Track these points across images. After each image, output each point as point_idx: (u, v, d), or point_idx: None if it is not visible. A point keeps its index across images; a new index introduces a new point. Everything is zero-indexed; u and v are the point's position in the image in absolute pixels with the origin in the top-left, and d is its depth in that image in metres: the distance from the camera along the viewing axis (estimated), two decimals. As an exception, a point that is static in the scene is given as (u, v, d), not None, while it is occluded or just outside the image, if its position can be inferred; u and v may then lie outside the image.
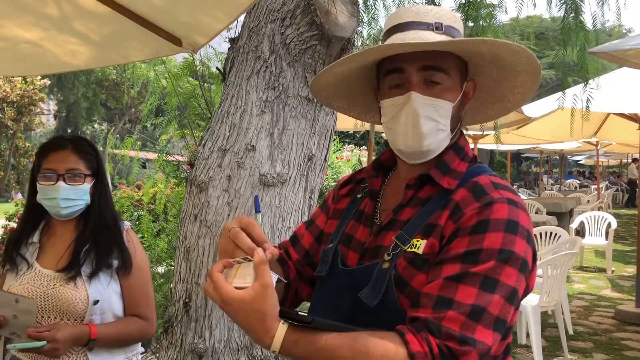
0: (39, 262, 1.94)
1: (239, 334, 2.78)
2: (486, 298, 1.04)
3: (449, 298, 1.05)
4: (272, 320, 1.03)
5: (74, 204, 1.92)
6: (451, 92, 1.20)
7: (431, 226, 1.16)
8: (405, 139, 1.21)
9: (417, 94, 1.17)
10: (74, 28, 2.44)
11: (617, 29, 14.25)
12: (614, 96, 5.55)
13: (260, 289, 1.02)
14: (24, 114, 16.73)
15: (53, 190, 1.89)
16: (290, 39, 2.75)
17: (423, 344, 1.01)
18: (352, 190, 1.42)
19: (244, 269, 1.05)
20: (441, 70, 1.18)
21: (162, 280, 4.49)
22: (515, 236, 1.09)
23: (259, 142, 2.74)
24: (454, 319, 1.02)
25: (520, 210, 1.12)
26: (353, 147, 11.34)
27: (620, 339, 5.48)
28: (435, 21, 1.20)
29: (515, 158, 33.74)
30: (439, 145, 1.21)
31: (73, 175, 1.92)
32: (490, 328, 1.03)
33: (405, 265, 1.15)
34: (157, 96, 4.85)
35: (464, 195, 1.16)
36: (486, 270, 1.05)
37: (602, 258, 9.51)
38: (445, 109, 1.19)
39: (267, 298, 1.02)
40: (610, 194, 18.89)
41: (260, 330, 1.03)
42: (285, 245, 1.49)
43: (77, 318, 1.87)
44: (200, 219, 2.76)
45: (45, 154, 1.95)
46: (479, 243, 1.08)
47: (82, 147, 1.99)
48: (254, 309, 1.02)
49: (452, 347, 1.00)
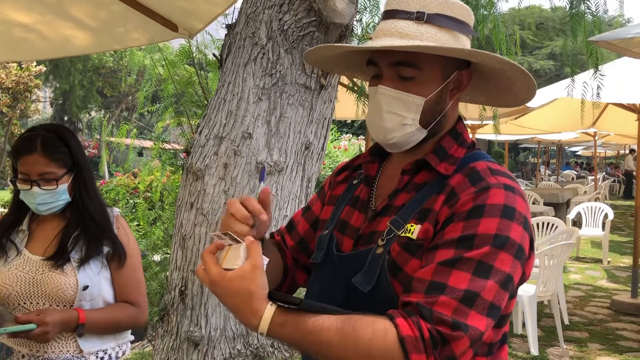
0: (27, 249, 1.92)
1: (235, 322, 2.77)
2: (480, 283, 1.02)
3: (442, 283, 1.03)
4: (260, 302, 1.02)
5: (53, 205, 1.90)
6: (424, 87, 1.18)
7: (426, 211, 1.15)
8: (373, 131, 1.23)
9: (384, 88, 1.17)
10: (70, 13, 2.41)
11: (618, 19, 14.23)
12: (612, 86, 5.52)
13: (249, 268, 1.01)
14: (19, 100, 16.61)
15: (29, 194, 1.86)
16: (287, 25, 2.71)
17: (414, 328, 1.00)
18: (348, 176, 1.41)
19: (234, 251, 1.05)
20: (412, 66, 1.16)
21: (158, 268, 4.48)
22: (512, 222, 1.07)
23: (255, 130, 2.71)
24: (446, 303, 1.01)
25: (517, 196, 1.11)
26: (351, 137, 11.33)
27: (615, 329, 5.50)
28: (417, 10, 1.17)
29: (512, 148, 33.80)
30: (407, 139, 1.20)
31: (46, 180, 1.85)
32: (484, 314, 1.02)
33: (399, 251, 1.13)
34: (154, 83, 4.82)
35: (460, 180, 1.14)
36: (480, 256, 1.04)
37: (598, 249, 9.53)
38: (414, 104, 1.17)
39: (256, 279, 1.01)
40: (607, 185, 18.92)
41: (247, 311, 1.02)
42: (281, 232, 1.48)
43: (66, 304, 1.85)
44: (197, 206, 2.74)
45: (17, 157, 1.87)
46: (473, 228, 1.06)
47: (52, 146, 1.87)
48: (242, 289, 1.01)
49: (444, 331, 0.99)
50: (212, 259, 1.05)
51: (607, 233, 8.84)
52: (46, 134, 1.89)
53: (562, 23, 21.42)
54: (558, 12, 21.45)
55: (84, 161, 1.96)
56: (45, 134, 1.89)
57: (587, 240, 10.10)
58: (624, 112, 6.93)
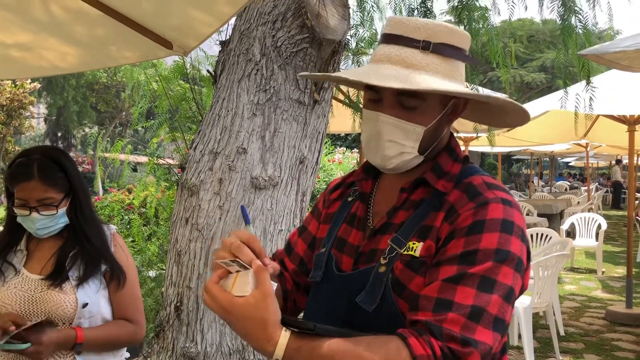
0: (26, 268, 1.92)
1: (230, 337, 2.77)
2: (485, 298, 1.04)
3: (449, 300, 1.05)
4: (274, 328, 1.02)
5: (52, 229, 1.91)
6: (425, 116, 1.18)
7: (427, 228, 1.16)
8: (369, 154, 1.23)
9: (385, 116, 1.17)
10: (64, 31, 2.42)
11: (608, 32, 14.35)
12: (603, 98, 5.58)
13: (260, 296, 1.01)
14: (13, 117, 16.59)
15: (29, 220, 1.87)
16: (281, 41, 2.74)
17: (426, 347, 1.01)
18: (342, 194, 1.41)
19: (242, 278, 1.04)
20: (415, 96, 1.16)
21: (154, 284, 4.46)
22: (511, 236, 1.09)
23: (250, 145, 2.73)
24: (454, 320, 1.02)
25: (514, 210, 1.13)
26: (345, 150, 11.37)
27: (610, 339, 5.51)
28: (424, 38, 1.17)
29: (506, 160, 33.90)
30: (405, 165, 1.22)
31: (45, 205, 1.86)
32: (490, 328, 1.04)
33: (403, 268, 1.15)
34: (148, 99, 4.83)
35: (458, 196, 1.16)
36: (484, 271, 1.06)
37: (592, 259, 9.56)
38: (414, 132, 1.18)
39: (269, 306, 1.02)
40: (600, 196, 19.00)
41: (262, 338, 1.02)
42: (280, 256, 1.48)
43: (65, 321, 1.85)
44: (192, 222, 2.75)
45: (14, 184, 1.87)
46: (475, 244, 1.08)
47: (49, 172, 1.87)
48: (256, 317, 1.01)
49: (455, 348, 1.01)
50: (218, 288, 1.05)
51: (601, 243, 8.87)
52: (42, 159, 1.89)
53: (553, 36, 21.61)
54: (549, 25, 21.64)
55: (80, 183, 1.97)
56: (42, 159, 1.89)
57: (581, 250, 10.13)
58: (614, 124, 6.99)
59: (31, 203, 1.85)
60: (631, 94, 6.20)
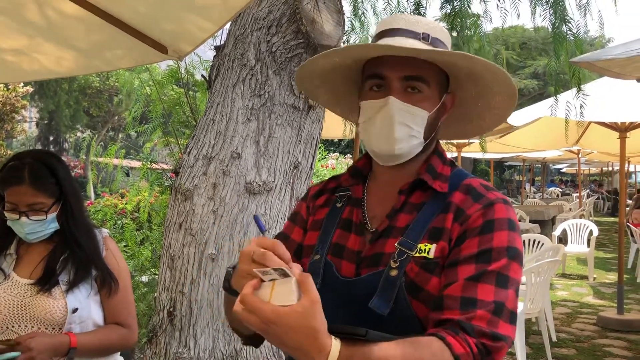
0: (16, 272, 1.91)
1: (224, 343, 2.76)
2: (503, 294, 1.10)
3: (473, 298, 1.09)
4: (325, 337, 0.98)
5: (42, 234, 1.90)
6: (429, 102, 1.23)
7: (438, 230, 1.19)
8: (378, 142, 1.24)
9: (395, 99, 1.20)
10: (60, 35, 2.42)
11: (600, 40, 14.47)
12: (594, 105, 5.63)
13: (309, 304, 0.95)
14: (5, 121, 16.50)
15: (18, 224, 1.86)
16: (276, 47, 2.75)
17: (464, 344, 1.04)
18: (328, 199, 1.40)
19: (282, 287, 0.97)
20: (422, 80, 1.22)
21: (146, 289, 4.45)
22: (515, 233, 1.17)
23: (244, 150, 2.73)
24: (482, 317, 1.07)
25: (512, 209, 1.21)
26: (338, 156, 11.37)
27: (602, 345, 5.53)
28: (423, 31, 1.24)
29: (498, 166, 34.00)
30: (410, 151, 1.24)
31: (35, 210, 1.85)
32: (509, 322, 1.10)
33: (418, 271, 1.16)
34: (142, 104, 4.83)
35: (462, 198, 1.21)
36: (499, 268, 1.12)
37: (584, 265, 9.60)
38: (421, 117, 1.22)
39: (317, 314, 0.96)
40: (591, 202, 19.11)
41: (314, 348, 0.97)
42: None
43: (55, 327, 1.84)
44: (185, 227, 2.74)
45: (4, 187, 1.86)
46: (489, 242, 1.14)
47: (40, 176, 1.85)
48: (305, 326, 0.95)
49: (487, 344, 1.06)
50: (257, 299, 0.97)
51: (593, 250, 8.92)
52: (34, 163, 1.87)
53: (545, 43, 21.77)
54: (541, 32, 21.81)
55: (72, 189, 1.95)
56: (33, 163, 1.87)
57: (573, 257, 10.18)
58: (606, 131, 7.04)
59: (21, 207, 1.84)
60: (622, 101, 6.26)
